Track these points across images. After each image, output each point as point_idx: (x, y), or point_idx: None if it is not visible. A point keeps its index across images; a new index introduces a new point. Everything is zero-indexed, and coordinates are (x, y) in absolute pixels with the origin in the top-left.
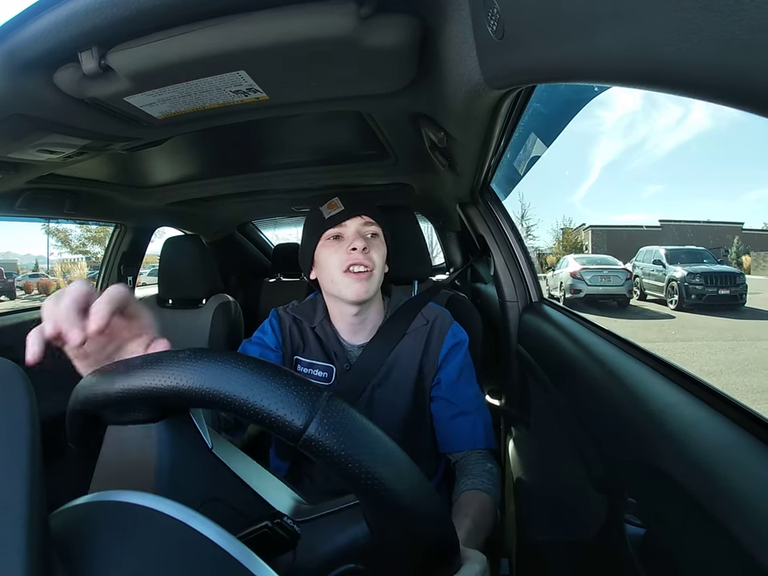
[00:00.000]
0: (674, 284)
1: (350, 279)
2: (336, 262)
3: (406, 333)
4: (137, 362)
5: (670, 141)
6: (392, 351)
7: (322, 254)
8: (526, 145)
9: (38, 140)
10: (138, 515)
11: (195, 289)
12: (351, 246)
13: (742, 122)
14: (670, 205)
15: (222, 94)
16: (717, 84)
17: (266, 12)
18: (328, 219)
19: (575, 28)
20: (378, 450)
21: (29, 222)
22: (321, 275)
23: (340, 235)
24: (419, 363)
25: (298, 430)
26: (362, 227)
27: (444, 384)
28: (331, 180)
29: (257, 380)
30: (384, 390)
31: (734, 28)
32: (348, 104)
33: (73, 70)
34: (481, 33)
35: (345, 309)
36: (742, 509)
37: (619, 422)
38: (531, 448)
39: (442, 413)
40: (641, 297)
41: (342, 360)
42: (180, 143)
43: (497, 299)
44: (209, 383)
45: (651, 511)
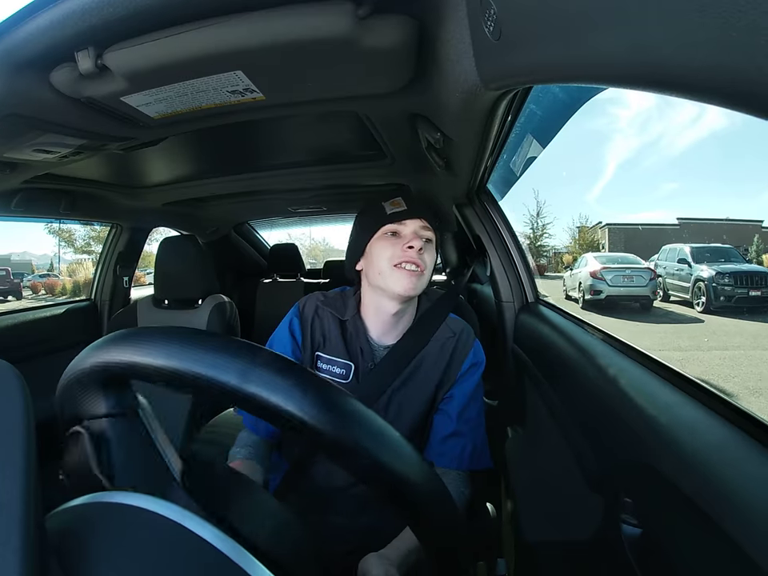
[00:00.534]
0: (701, 284)
1: (401, 273)
2: (389, 255)
3: (431, 340)
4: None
5: (686, 138)
6: (417, 357)
7: (375, 246)
8: (522, 145)
9: (34, 140)
10: (133, 516)
11: (191, 289)
12: (408, 243)
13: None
14: (687, 202)
15: (219, 94)
16: (713, 86)
17: (263, 12)
18: (390, 214)
19: (572, 29)
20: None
21: (47, 223)
22: (369, 266)
23: (398, 232)
24: (441, 373)
25: (235, 387)
26: (420, 229)
27: (455, 400)
28: (328, 180)
29: (201, 352)
30: (403, 394)
31: (730, 30)
32: (345, 104)
33: (69, 70)
34: (478, 34)
35: (386, 304)
36: (737, 508)
37: (615, 422)
38: (527, 448)
39: (440, 427)
40: (664, 298)
41: (367, 358)
42: (176, 143)
43: (493, 299)
44: (159, 360)
45: (647, 511)
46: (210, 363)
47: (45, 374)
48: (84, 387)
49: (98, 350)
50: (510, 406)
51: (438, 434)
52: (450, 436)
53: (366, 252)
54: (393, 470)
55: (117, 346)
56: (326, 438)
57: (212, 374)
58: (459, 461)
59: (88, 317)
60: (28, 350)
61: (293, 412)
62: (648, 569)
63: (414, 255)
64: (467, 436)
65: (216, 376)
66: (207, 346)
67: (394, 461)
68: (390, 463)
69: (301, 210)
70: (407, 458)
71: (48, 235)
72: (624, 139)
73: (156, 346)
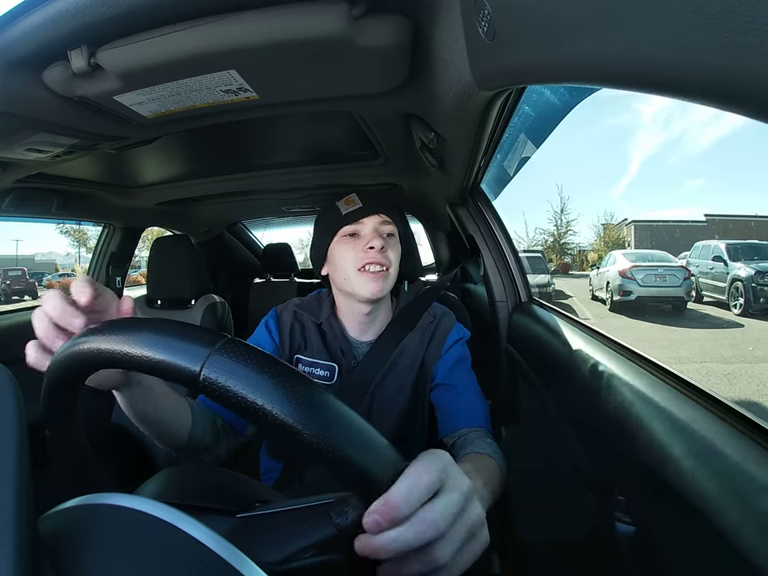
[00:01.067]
0: (738, 284)
1: (366, 278)
2: (351, 259)
3: (412, 329)
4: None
5: (710, 133)
6: (398, 347)
7: (336, 251)
8: (516, 146)
9: (26, 139)
10: (126, 518)
11: (184, 289)
12: (368, 244)
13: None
14: (713, 198)
15: (212, 93)
16: (706, 87)
17: (257, 11)
18: (345, 215)
19: (566, 30)
20: (276, 383)
21: (59, 224)
22: (334, 272)
23: (356, 233)
24: (422, 357)
25: (194, 373)
26: (379, 226)
27: (441, 370)
28: (321, 180)
29: (153, 334)
30: (386, 385)
31: (723, 30)
32: (339, 104)
33: (62, 69)
34: (472, 34)
35: (357, 307)
36: (729, 505)
37: (608, 421)
38: (521, 446)
39: (442, 397)
40: (696, 299)
41: (349, 357)
42: (170, 143)
43: (486, 299)
44: (111, 345)
45: (641, 509)
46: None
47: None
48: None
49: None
50: (504, 405)
51: (441, 402)
52: (455, 397)
53: (329, 256)
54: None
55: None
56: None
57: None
58: (472, 418)
59: None
60: (20, 352)
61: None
62: (642, 566)
63: (376, 256)
64: (471, 397)
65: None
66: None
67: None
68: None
69: (294, 210)
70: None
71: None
72: (648, 135)
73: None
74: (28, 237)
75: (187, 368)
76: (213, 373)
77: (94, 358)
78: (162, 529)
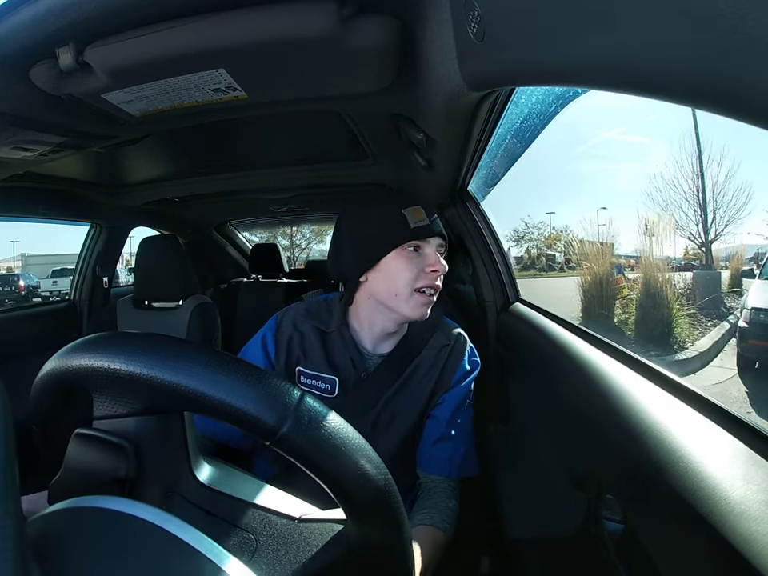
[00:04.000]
0: None
1: (420, 300)
2: (409, 277)
3: (426, 347)
4: (127, 341)
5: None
6: (411, 365)
7: (394, 263)
8: (504, 147)
9: (12, 137)
10: (114, 520)
11: (171, 289)
12: (433, 267)
13: None
14: None
15: (201, 92)
16: (693, 89)
17: (247, 10)
18: (414, 229)
19: (555, 32)
20: (350, 447)
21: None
22: (380, 283)
23: (420, 248)
24: (435, 381)
25: (272, 427)
26: (439, 248)
27: (446, 405)
28: (309, 180)
29: (233, 380)
30: (397, 402)
31: (710, 33)
32: (328, 104)
33: (49, 66)
34: (461, 35)
35: (387, 323)
36: (717, 503)
37: (596, 420)
38: (510, 447)
39: (431, 431)
40: None
41: (359, 368)
42: (158, 142)
43: (474, 298)
44: (184, 380)
45: (629, 508)
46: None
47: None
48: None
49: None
50: (493, 405)
51: (428, 439)
52: (440, 440)
53: (380, 266)
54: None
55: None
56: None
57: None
58: (449, 466)
59: (68, 317)
60: (6, 352)
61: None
62: (630, 564)
63: (434, 281)
64: (457, 441)
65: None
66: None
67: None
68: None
69: (282, 210)
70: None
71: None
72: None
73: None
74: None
75: (268, 424)
76: (293, 432)
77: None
78: (149, 531)
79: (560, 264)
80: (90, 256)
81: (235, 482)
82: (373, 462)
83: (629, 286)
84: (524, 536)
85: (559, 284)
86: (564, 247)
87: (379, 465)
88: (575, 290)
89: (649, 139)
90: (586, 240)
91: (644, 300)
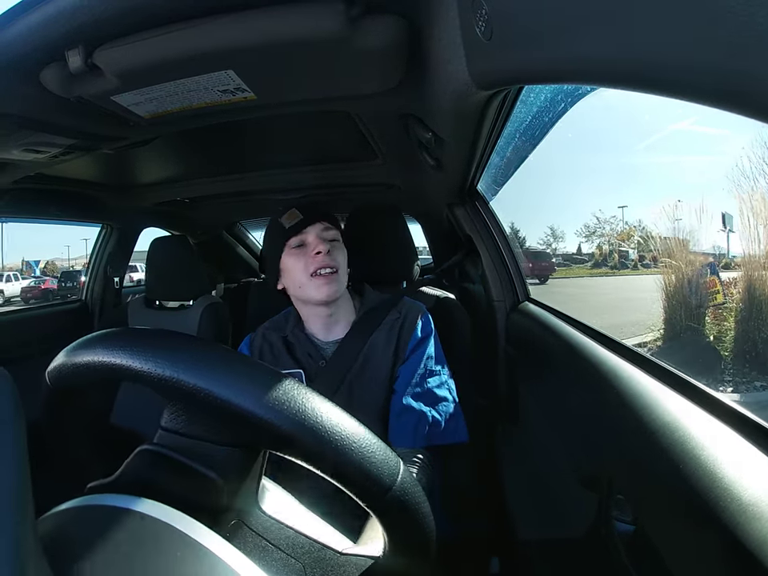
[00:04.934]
0: None
1: (319, 282)
2: (302, 267)
3: (379, 325)
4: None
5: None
6: (366, 344)
7: (287, 263)
8: (513, 145)
9: (23, 139)
10: (125, 519)
11: (182, 290)
12: (315, 250)
13: None
14: None
15: (210, 93)
16: (702, 86)
17: (254, 11)
18: (288, 229)
19: (563, 30)
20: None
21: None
22: (288, 283)
23: (303, 243)
24: (393, 355)
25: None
26: (322, 232)
27: (402, 377)
28: (319, 180)
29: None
30: (361, 383)
31: (720, 29)
32: (336, 104)
33: (59, 69)
34: (469, 33)
35: (317, 310)
36: (729, 504)
37: (606, 420)
38: (521, 447)
39: (394, 406)
40: None
41: (317, 358)
42: (167, 143)
43: (484, 298)
44: (311, 439)
45: (639, 508)
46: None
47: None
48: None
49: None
50: (503, 404)
51: (392, 414)
52: (403, 412)
53: (281, 270)
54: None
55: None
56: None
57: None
58: (413, 438)
59: (79, 317)
60: (18, 351)
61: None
62: (640, 565)
63: (325, 260)
64: (420, 411)
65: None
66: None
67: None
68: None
69: None
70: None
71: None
72: None
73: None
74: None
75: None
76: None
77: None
78: (161, 530)
79: (633, 261)
80: (101, 256)
81: (290, 509)
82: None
83: (724, 290)
84: (533, 536)
85: (634, 284)
86: (639, 242)
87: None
88: (654, 292)
89: (723, 130)
90: (667, 235)
91: (747, 311)
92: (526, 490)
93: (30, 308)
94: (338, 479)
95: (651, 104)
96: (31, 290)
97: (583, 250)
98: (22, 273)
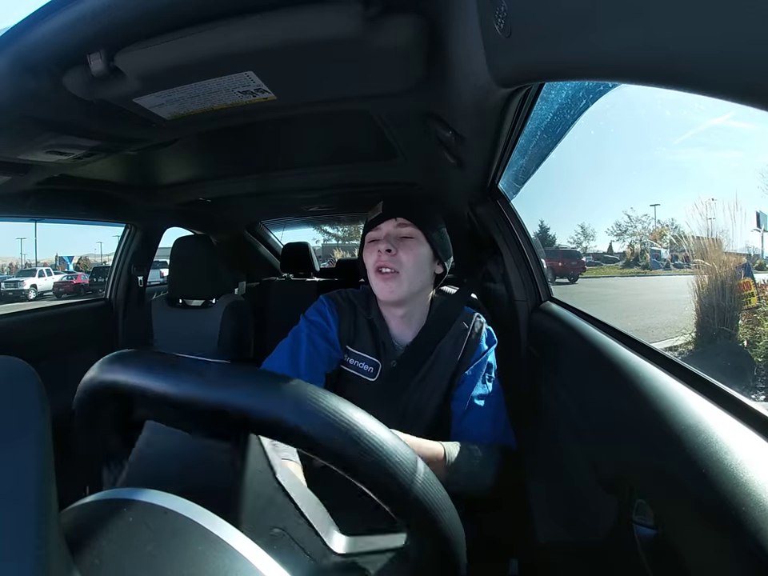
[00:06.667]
0: None
1: (377, 279)
2: (372, 262)
3: (447, 333)
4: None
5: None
6: (433, 353)
7: (365, 255)
8: (535, 143)
9: (47, 141)
10: (148, 513)
11: (205, 288)
12: (378, 247)
13: None
14: None
15: (230, 94)
16: (725, 80)
17: (273, 13)
18: (368, 223)
19: (582, 26)
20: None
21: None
22: (366, 276)
23: (376, 238)
24: (455, 366)
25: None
26: (394, 229)
27: (467, 383)
28: (340, 179)
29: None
30: (421, 390)
31: (739, 25)
32: (356, 104)
33: (81, 72)
34: (488, 31)
35: (387, 306)
36: (753, 510)
37: (628, 422)
38: (541, 448)
39: (457, 411)
40: None
41: (389, 356)
42: (189, 144)
43: (506, 298)
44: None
45: (661, 513)
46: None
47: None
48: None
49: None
50: (525, 405)
51: (455, 417)
52: (467, 414)
53: (365, 262)
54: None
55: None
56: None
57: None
58: (479, 434)
59: (103, 316)
60: (44, 348)
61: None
62: (661, 570)
63: (384, 259)
64: (485, 412)
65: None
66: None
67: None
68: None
69: (313, 209)
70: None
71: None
72: None
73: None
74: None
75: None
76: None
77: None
78: (184, 524)
79: (665, 261)
80: (125, 256)
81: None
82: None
83: (759, 293)
84: (553, 539)
85: (667, 285)
86: (672, 242)
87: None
88: (686, 293)
89: (761, 126)
90: (700, 235)
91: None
92: (547, 491)
93: (55, 306)
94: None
95: (687, 99)
96: (63, 285)
97: (614, 249)
98: (55, 268)
